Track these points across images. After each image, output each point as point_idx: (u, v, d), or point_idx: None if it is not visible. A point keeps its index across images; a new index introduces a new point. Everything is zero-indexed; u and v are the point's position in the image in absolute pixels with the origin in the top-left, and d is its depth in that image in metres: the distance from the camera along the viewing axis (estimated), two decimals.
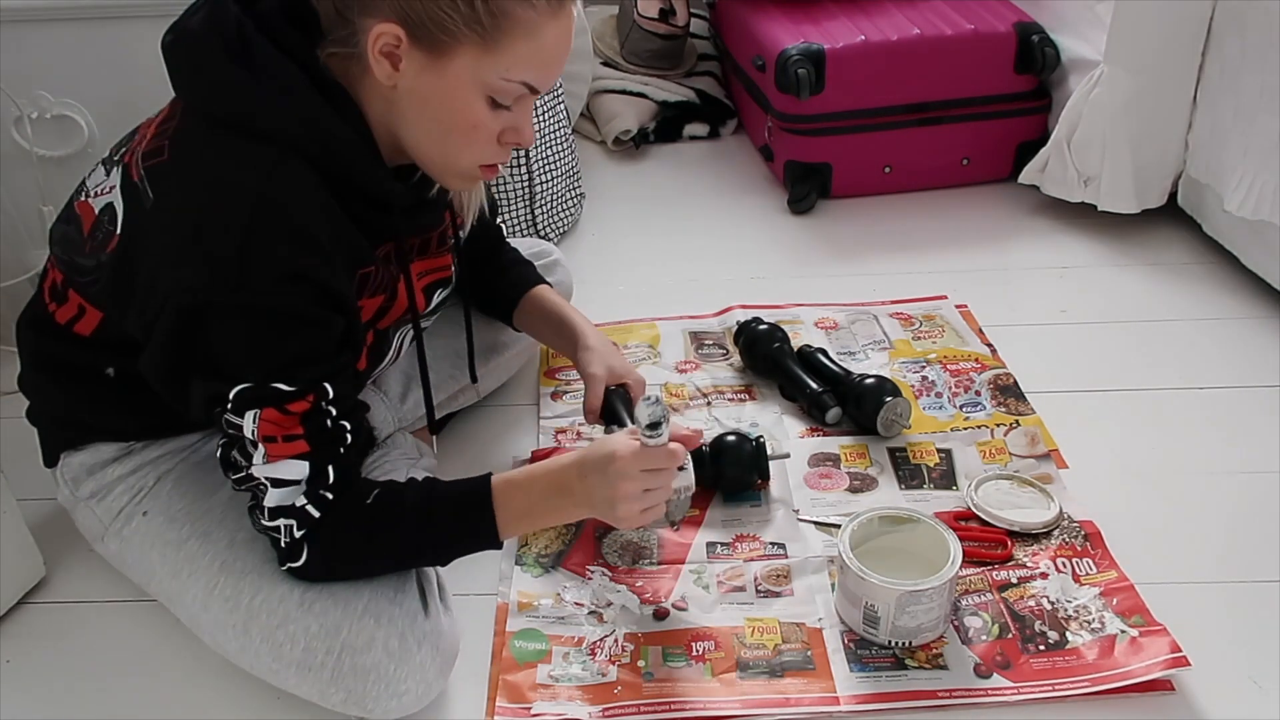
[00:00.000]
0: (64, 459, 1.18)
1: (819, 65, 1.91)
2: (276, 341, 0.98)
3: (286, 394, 0.98)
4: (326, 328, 1.01)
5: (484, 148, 1.03)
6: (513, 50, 0.97)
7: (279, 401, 0.99)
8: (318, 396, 1.00)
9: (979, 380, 1.53)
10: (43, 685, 1.17)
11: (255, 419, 0.99)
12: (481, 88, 0.99)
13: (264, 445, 1.00)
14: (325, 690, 1.04)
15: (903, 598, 1.10)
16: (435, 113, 1.00)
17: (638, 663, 1.14)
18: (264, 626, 1.05)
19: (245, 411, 0.99)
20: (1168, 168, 1.84)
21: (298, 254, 0.96)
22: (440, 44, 0.95)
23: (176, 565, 1.11)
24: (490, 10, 0.94)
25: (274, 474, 1.01)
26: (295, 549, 1.03)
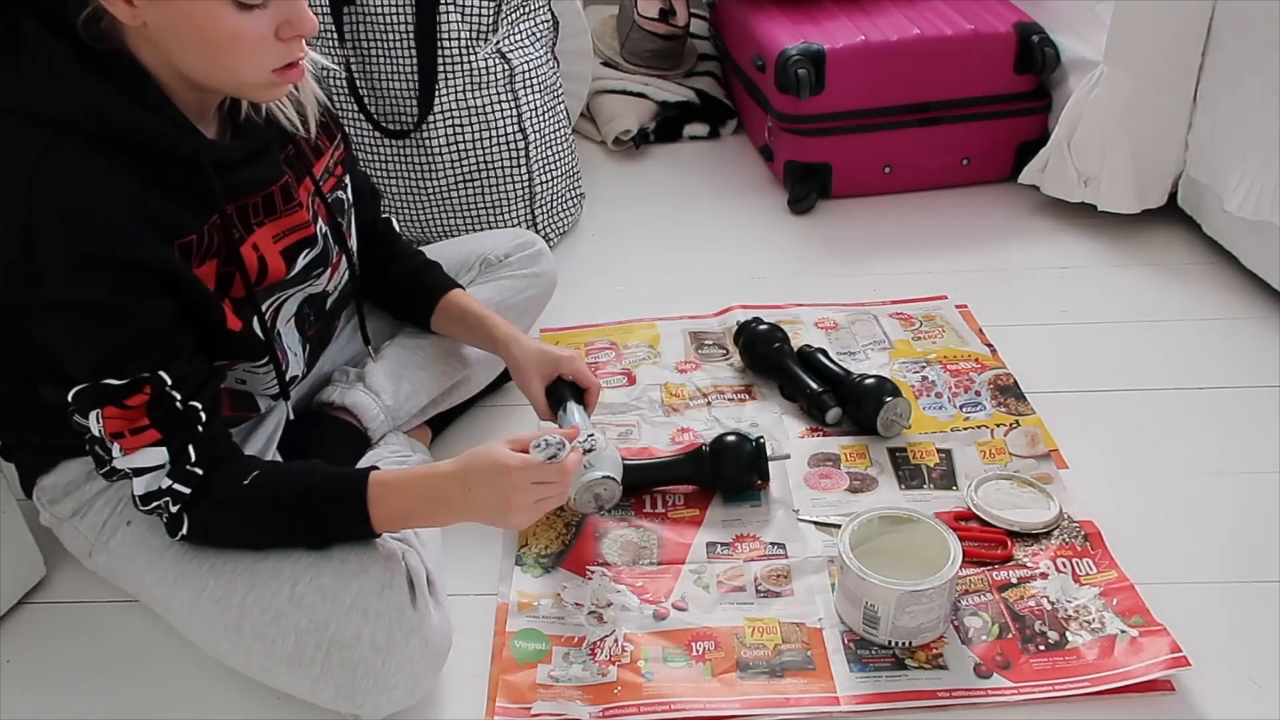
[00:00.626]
0: (39, 483, 1.19)
1: (819, 65, 1.91)
2: (93, 335, 0.96)
3: (120, 389, 0.98)
4: (144, 312, 0.98)
5: (261, 53, 0.97)
6: None
7: (115, 398, 0.98)
8: (154, 387, 0.99)
9: (979, 380, 1.53)
10: (43, 685, 1.17)
11: (99, 418, 0.99)
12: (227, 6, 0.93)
13: (115, 442, 1.00)
14: (316, 686, 1.04)
15: (903, 598, 1.10)
16: (190, 38, 0.94)
17: (638, 663, 1.14)
18: (255, 624, 1.05)
19: (88, 412, 0.99)
20: (1168, 168, 1.84)
21: (86, 240, 0.93)
22: None
23: (163, 571, 1.11)
24: None
25: (134, 464, 1.01)
26: (177, 521, 1.05)
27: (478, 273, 1.49)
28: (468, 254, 1.50)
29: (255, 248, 1.08)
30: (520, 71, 1.82)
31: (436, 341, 1.40)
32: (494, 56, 1.80)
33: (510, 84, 1.81)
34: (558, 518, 1.33)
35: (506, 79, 1.81)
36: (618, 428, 1.48)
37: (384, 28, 1.77)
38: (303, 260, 1.15)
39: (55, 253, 0.92)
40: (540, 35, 1.89)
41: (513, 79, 1.82)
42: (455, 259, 1.48)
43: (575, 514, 1.33)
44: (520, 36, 1.84)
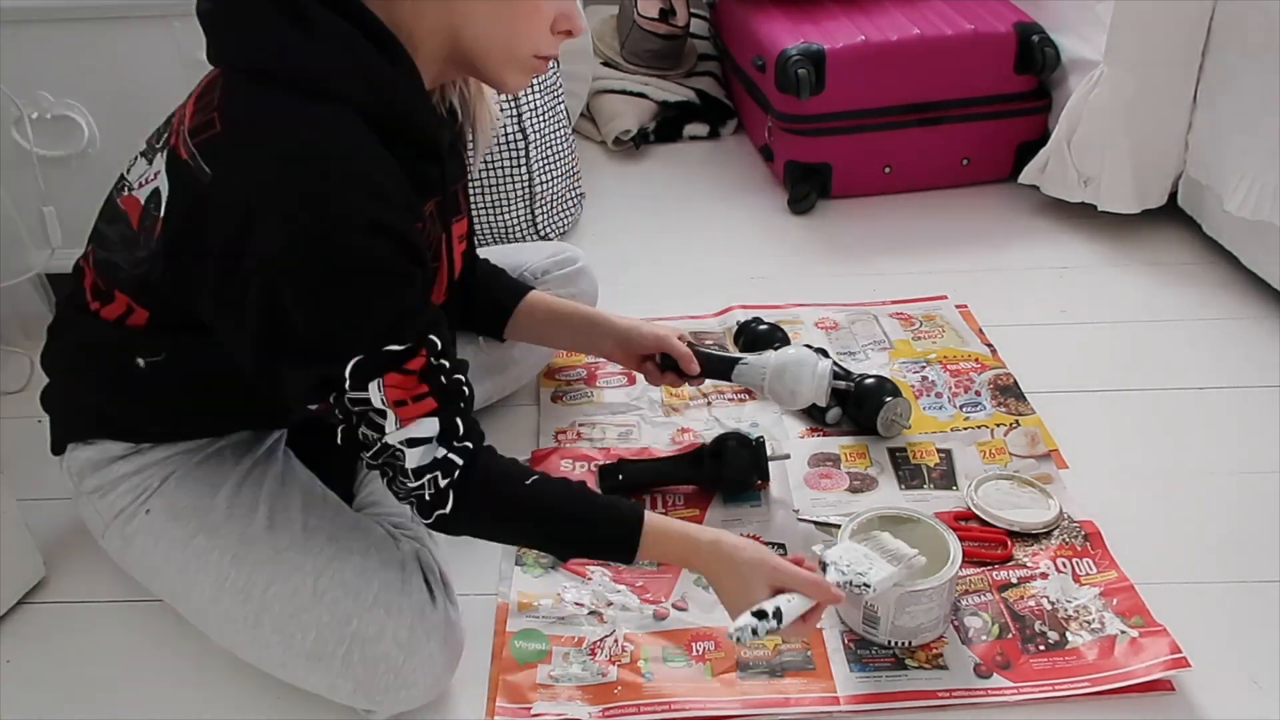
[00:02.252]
0: (71, 450, 1.17)
1: (819, 65, 1.91)
2: (376, 301, 0.96)
3: (401, 354, 0.97)
4: (413, 280, 0.99)
5: (542, 34, 1.02)
6: None
7: (397, 363, 0.97)
8: (429, 351, 0.99)
9: (979, 380, 1.53)
10: (43, 685, 1.17)
11: (380, 387, 0.97)
12: None
13: (394, 410, 0.98)
14: (334, 681, 1.04)
15: (902, 598, 1.10)
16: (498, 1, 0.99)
17: (638, 663, 1.14)
18: (276, 617, 1.05)
19: (368, 383, 0.97)
20: (1168, 168, 1.84)
21: (374, 207, 0.94)
22: None
23: (183, 561, 1.11)
24: None
25: (409, 435, 0.99)
26: (441, 497, 1.02)
27: None
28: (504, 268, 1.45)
29: (447, 246, 1.12)
30: None
31: None
32: None
33: None
34: None
35: None
36: (618, 428, 1.48)
37: None
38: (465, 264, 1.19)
39: (349, 219, 0.92)
40: None
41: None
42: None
43: None
44: None
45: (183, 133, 0.98)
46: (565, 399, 1.54)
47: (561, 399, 1.54)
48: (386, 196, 0.95)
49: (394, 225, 0.95)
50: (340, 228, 0.92)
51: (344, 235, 0.92)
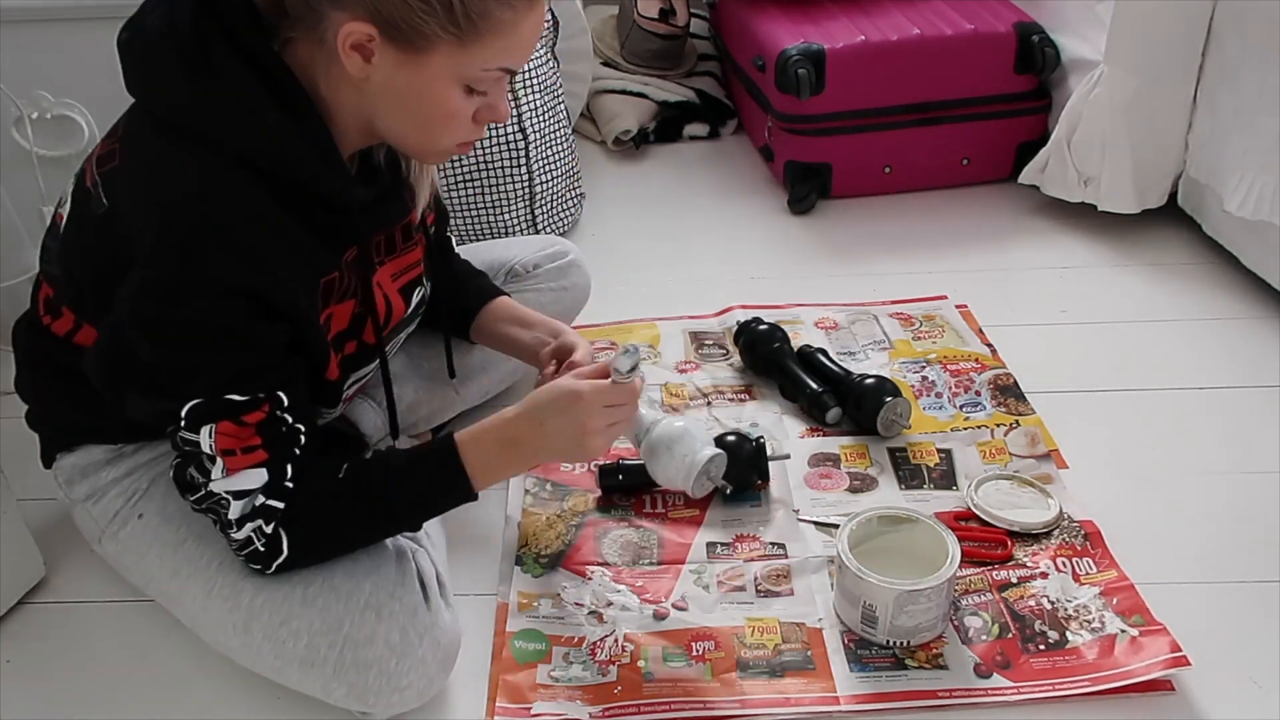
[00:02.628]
0: (58, 460, 1.18)
1: (819, 65, 1.91)
2: (221, 357, 0.97)
3: (240, 404, 0.98)
4: (270, 338, 0.99)
5: (461, 130, 1.03)
6: (491, 46, 0.96)
7: (233, 413, 0.98)
8: (273, 405, 0.99)
9: (979, 380, 1.53)
10: (43, 685, 1.17)
11: (212, 433, 0.98)
12: (459, 80, 0.98)
13: (223, 459, 0.99)
14: (328, 685, 1.04)
15: (901, 597, 1.10)
16: (412, 105, 0.99)
17: (638, 663, 1.14)
18: (266, 624, 1.05)
19: (200, 427, 0.98)
20: (1168, 168, 1.84)
21: (235, 271, 0.94)
22: (415, 44, 0.94)
23: (175, 566, 1.11)
24: (468, 13, 0.93)
25: (233, 486, 1.00)
26: (275, 544, 1.03)
27: (501, 283, 1.46)
28: (492, 262, 1.47)
29: (379, 286, 1.11)
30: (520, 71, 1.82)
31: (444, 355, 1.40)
32: None
33: (510, 83, 1.81)
34: (558, 518, 1.33)
35: None
36: None
37: None
38: (416, 298, 1.18)
39: (204, 279, 0.94)
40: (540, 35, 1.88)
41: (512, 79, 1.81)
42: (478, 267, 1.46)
43: (576, 514, 1.33)
44: None
45: (94, 157, 1.01)
46: None
47: None
48: (250, 258, 0.95)
49: (252, 288, 0.95)
50: (192, 289, 0.94)
51: (194, 296, 0.94)
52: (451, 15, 0.92)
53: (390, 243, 1.14)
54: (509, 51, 0.98)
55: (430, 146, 1.05)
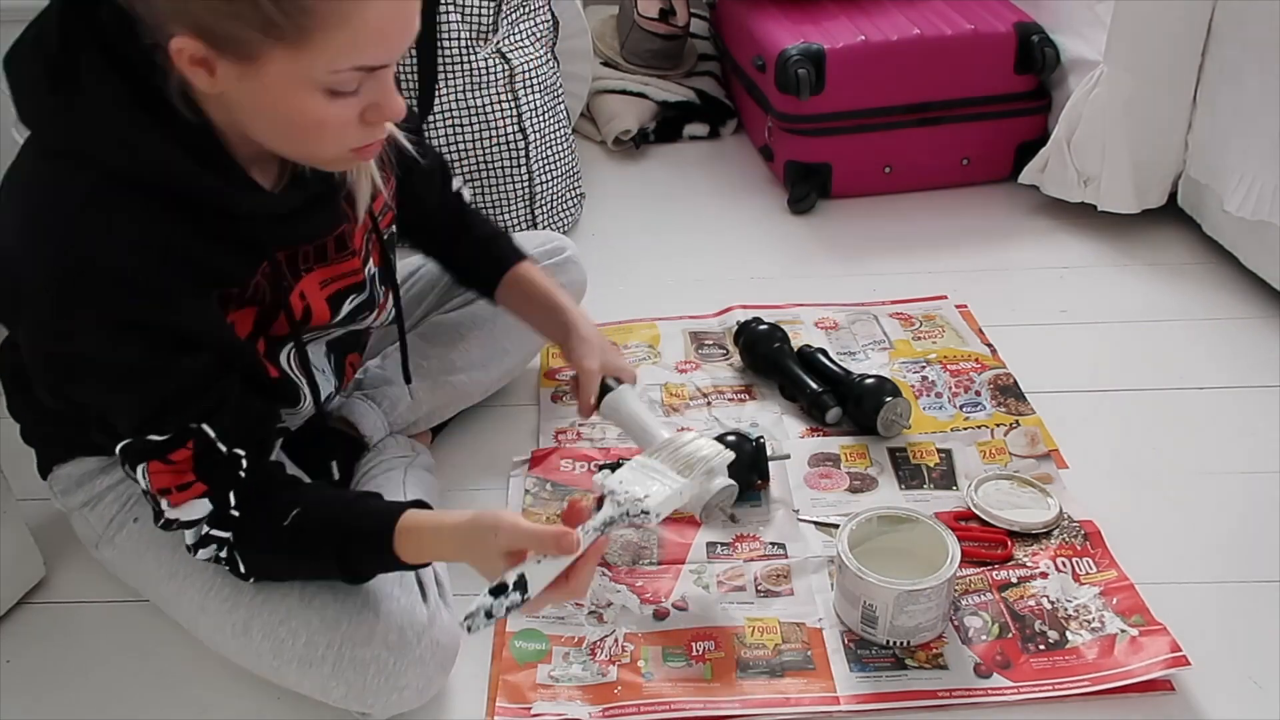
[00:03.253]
0: (54, 471, 1.19)
1: (819, 65, 1.91)
2: (129, 393, 0.94)
3: (163, 444, 0.96)
4: (180, 369, 0.94)
5: (343, 136, 0.92)
6: (328, 44, 0.84)
7: (159, 453, 0.96)
8: (197, 440, 0.96)
9: (979, 380, 1.53)
10: (43, 685, 1.17)
11: (145, 474, 0.98)
12: (310, 85, 0.87)
13: (161, 498, 0.99)
14: (326, 684, 1.04)
15: (901, 597, 1.10)
16: (271, 116, 0.89)
17: (638, 663, 1.14)
18: (265, 623, 1.05)
19: (135, 466, 0.98)
20: (1168, 168, 1.84)
21: (121, 303, 0.90)
22: (244, 53, 0.84)
23: (172, 568, 1.11)
24: (284, 11, 0.82)
25: (182, 516, 1.00)
26: (234, 564, 1.04)
27: None
28: None
29: (301, 295, 1.06)
30: (520, 71, 1.82)
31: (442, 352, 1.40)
32: (494, 56, 1.80)
33: (510, 84, 1.82)
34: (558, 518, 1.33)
35: (506, 79, 1.81)
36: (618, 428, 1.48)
37: None
38: (348, 306, 1.12)
39: (89, 314, 0.89)
40: (540, 35, 1.89)
41: (513, 79, 1.82)
42: None
43: None
44: (520, 36, 1.84)
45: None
46: (565, 399, 1.54)
47: (561, 399, 1.54)
48: (134, 288, 0.90)
49: (143, 319, 0.91)
50: (82, 327, 0.90)
51: (86, 334, 0.91)
52: (265, 19, 0.82)
53: (321, 251, 1.07)
54: (356, 48, 0.85)
55: (314, 156, 0.96)
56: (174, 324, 0.93)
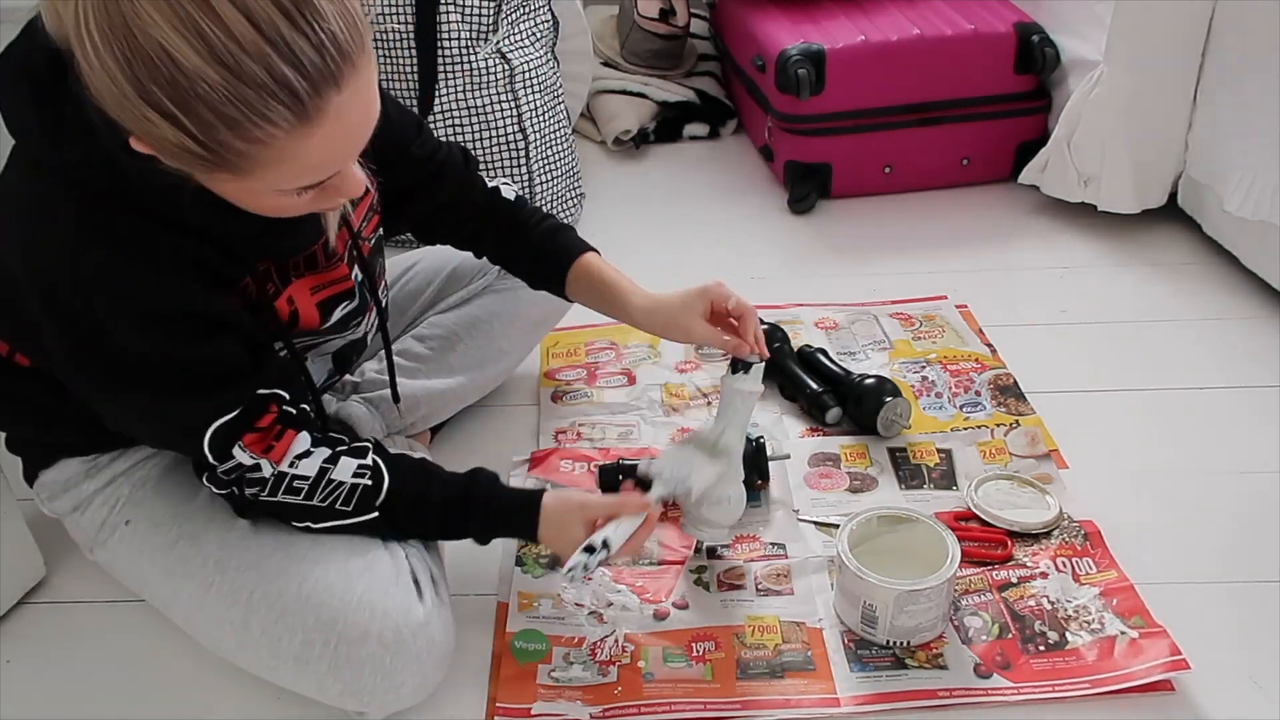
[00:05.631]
0: (39, 477, 1.19)
1: (819, 65, 1.91)
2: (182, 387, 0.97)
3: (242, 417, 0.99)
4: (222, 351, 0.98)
5: (305, 209, 0.93)
6: (271, 173, 0.85)
7: (246, 425, 1.00)
8: (277, 404, 1.01)
9: (979, 380, 1.53)
10: (43, 685, 1.17)
11: (243, 449, 1.00)
12: (266, 193, 0.88)
13: (266, 459, 1.01)
14: (323, 682, 1.04)
15: (901, 597, 1.10)
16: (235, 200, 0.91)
17: (638, 663, 1.14)
18: (263, 620, 1.05)
19: (229, 451, 1.00)
20: (1168, 168, 1.84)
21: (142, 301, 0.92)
22: (194, 171, 0.85)
23: (168, 568, 1.11)
24: (223, 156, 0.81)
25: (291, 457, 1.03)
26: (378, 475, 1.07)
27: (495, 277, 1.46)
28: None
29: (290, 300, 1.07)
30: (520, 71, 1.82)
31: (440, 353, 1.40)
32: (494, 56, 1.80)
33: (510, 84, 1.82)
34: None
35: (506, 79, 1.81)
36: (618, 428, 1.48)
37: (384, 28, 1.77)
38: (340, 312, 1.14)
39: (118, 317, 0.92)
40: (540, 35, 1.89)
41: (513, 79, 1.82)
42: (468, 262, 1.46)
43: None
44: (520, 36, 1.84)
45: None
46: (565, 399, 1.54)
47: (561, 399, 1.54)
48: (153, 285, 0.93)
49: (166, 311, 0.94)
50: (115, 329, 0.93)
51: (120, 335, 0.93)
52: (206, 159, 0.82)
53: (311, 260, 1.08)
54: (300, 175, 0.86)
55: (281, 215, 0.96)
56: (198, 311, 0.96)
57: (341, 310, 1.13)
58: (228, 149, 0.81)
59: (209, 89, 0.77)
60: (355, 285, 1.14)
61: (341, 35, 0.80)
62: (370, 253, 1.18)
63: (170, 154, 0.82)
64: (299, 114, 0.80)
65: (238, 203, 0.92)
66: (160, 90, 0.77)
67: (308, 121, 0.81)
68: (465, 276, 1.46)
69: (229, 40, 0.76)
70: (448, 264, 1.46)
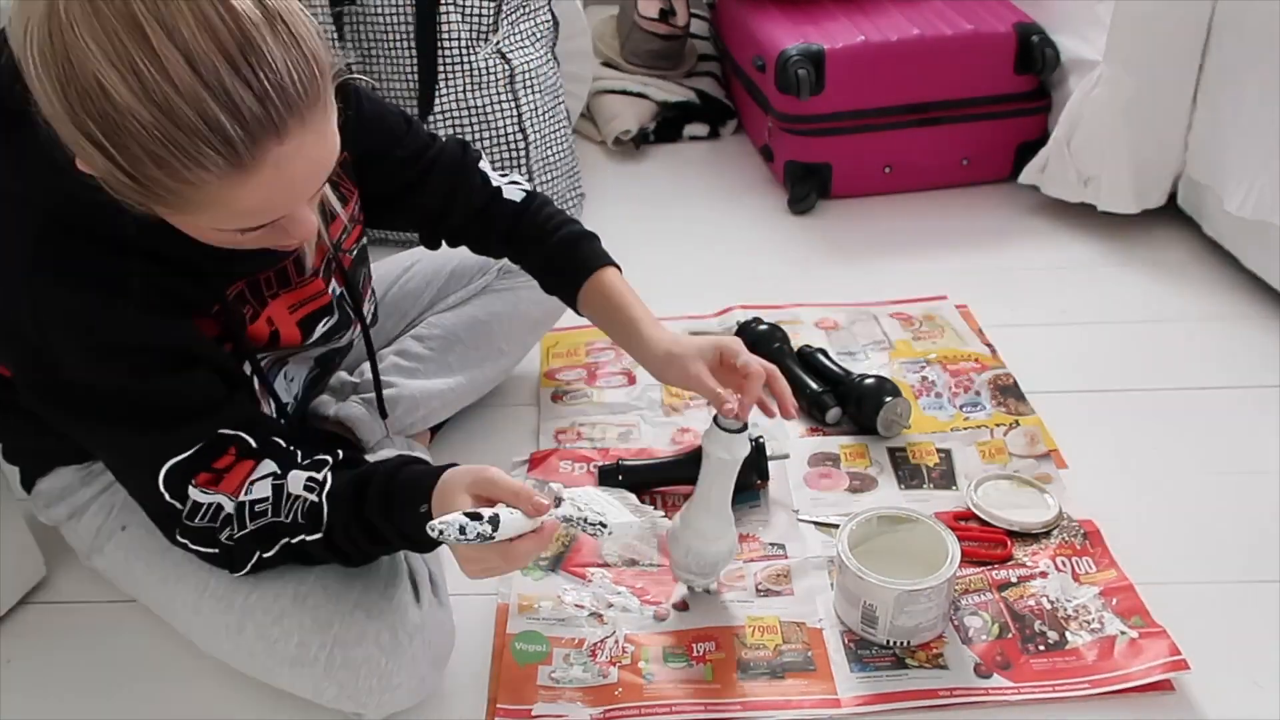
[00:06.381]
0: (36, 486, 1.19)
1: (819, 65, 1.91)
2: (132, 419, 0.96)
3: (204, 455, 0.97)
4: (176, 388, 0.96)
5: (260, 243, 0.90)
6: (205, 215, 0.83)
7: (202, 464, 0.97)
8: (237, 449, 0.99)
9: (979, 380, 1.53)
10: (43, 685, 1.17)
11: (197, 488, 0.98)
12: (209, 229, 0.87)
13: (219, 494, 0.99)
14: (319, 685, 1.04)
15: (901, 597, 1.10)
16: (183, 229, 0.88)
17: (638, 664, 1.14)
18: (259, 623, 1.05)
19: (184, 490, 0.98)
20: (1168, 168, 1.84)
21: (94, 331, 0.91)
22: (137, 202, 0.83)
23: (164, 572, 1.11)
24: (157, 193, 0.80)
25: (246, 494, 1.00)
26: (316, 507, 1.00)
27: (494, 277, 1.46)
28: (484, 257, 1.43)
29: (270, 321, 1.06)
30: (520, 71, 1.82)
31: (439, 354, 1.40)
32: (494, 57, 1.80)
33: (510, 84, 1.82)
34: None
35: (506, 79, 1.81)
36: (618, 428, 1.48)
37: (384, 28, 1.77)
38: (322, 328, 1.12)
39: (69, 346, 0.91)
40: (540, 35, 1.89)
41: (513, 79, 1.82)
42: (468, 262, 1.46)
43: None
44: (520, 37, 1.84)
45: None
46: (565, 399, 1.54)
47: (561, 399, 1.54)
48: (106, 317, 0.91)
49: (118, 343, 0.92)
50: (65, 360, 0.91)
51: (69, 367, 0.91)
52: (141, 192, 0.80)
53: (283, 276, 1.06)
54: (233, 219, 0.84)
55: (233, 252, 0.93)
56: (160, 343, 0.94)
57: (324, 326, 1.12)
58: (158, 185, 0.79)
59: (139, 126, 0.76)
60: (333, 300, 1.12)
61: (291, 86, 0.78)
62: (352, 264, 1.16)
63: (106, 182, 0.81)
64: (233, 161, 0.78)
65: (186, 232, 0.89)
66: (91, 121, 0.76)
67: (242, 170, 0.79)
68: (465, 276, 1.46)
69: (164, 80, 0.75)
70: (447, 264, 1.46)
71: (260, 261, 1.02)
